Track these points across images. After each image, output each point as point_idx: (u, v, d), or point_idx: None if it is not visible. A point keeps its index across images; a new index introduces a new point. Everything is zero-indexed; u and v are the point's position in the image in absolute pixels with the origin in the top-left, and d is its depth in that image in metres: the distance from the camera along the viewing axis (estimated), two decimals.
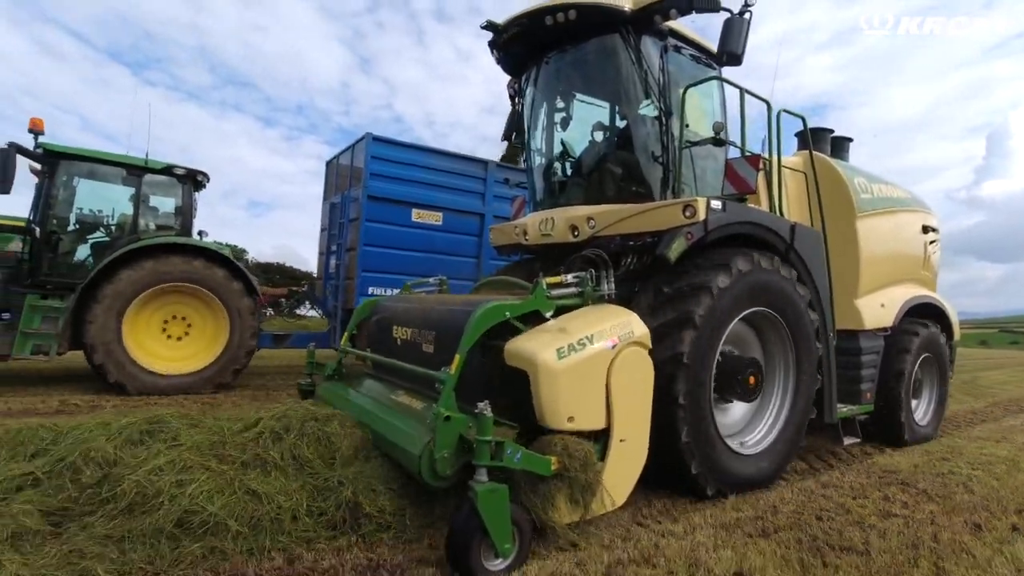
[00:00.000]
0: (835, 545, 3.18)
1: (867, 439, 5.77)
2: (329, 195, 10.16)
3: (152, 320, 7.38)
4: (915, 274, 6.47)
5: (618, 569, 2.80)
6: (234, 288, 7.63)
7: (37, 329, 6.81)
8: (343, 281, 8.74)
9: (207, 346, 7.63)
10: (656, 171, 4.70)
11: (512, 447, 2.82)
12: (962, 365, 18.32)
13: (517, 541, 2.78)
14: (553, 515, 2.96)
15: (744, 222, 4.34)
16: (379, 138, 8.49)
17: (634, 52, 4.62)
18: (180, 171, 7.99)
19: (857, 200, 5.66)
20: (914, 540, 3.27)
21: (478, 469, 2.74)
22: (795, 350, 4.56)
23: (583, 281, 3.75)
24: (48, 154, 7.22)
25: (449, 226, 9.02)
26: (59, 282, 7.18)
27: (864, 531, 3.39)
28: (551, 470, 2.94)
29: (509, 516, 2.73)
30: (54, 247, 7.28)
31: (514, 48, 5.15)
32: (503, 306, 3.37)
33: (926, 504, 3.93)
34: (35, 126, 7.13)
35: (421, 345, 4.07)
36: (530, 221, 5.23)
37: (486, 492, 2.66)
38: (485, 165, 9.38)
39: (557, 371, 3.05)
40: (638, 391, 3.40)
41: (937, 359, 6.44)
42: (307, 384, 5.04)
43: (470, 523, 2.66)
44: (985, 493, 4.17)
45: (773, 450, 4.43)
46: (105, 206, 7.96)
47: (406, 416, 3.65)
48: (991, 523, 3.59)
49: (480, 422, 2.74)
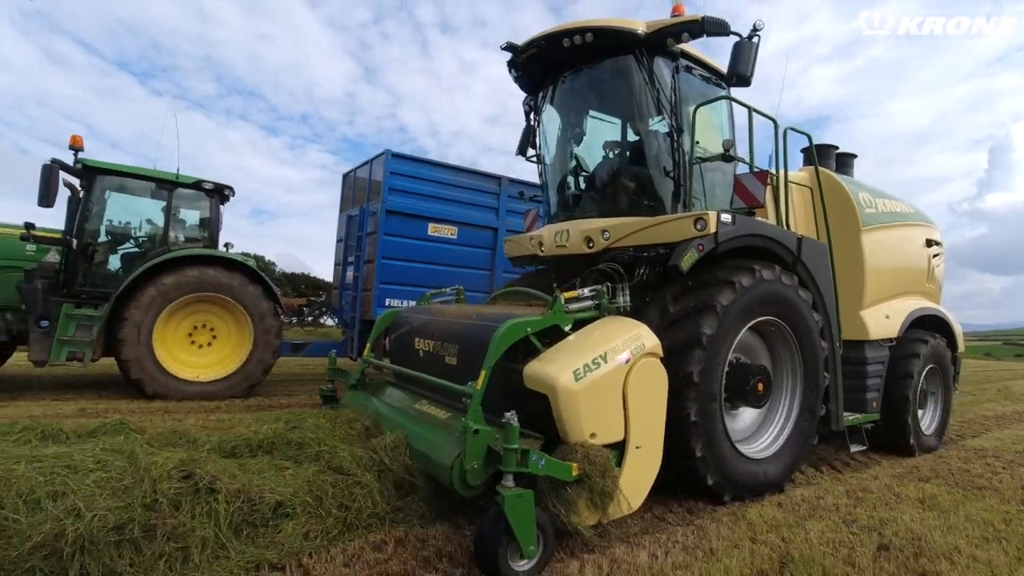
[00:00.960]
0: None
1: (873, 448, 5.92)
2: (346, 207, 10.41)
3: (179, 328, 7.64)
4: (919, 286, 6.61)
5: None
6: (259, 298, 7.89)
7: (72, 336, 7.06)
8: (361, 292, 8.97)
9: (231, 353, 7.88)
10: (668, 185, 4.87)
11: (537, 454, 2.97)
12: (986, 376, 18.48)
13: (542, 543, 2.93)
14: (575, 519, 3.11)
15: (753, 234, 4.50)
16: (398, 154, 8.79)
17: (647, 72, 4.80)
18: (208, 185, 8.28)
19: (862, 214, 5.82)
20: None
21: (505, 475, 2.90)
22: (801, 353, 4.71)
23: (599, 294, 3.91)
24: (86, 169, 7.52)
25: (464, 240, 9.30)
26: (93, 291, 7.47)
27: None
28: (572, 476, 3.09)
29: (534, 519, 2.88)
30: (89, 258, 7.58)
31: (532, 67, 5.34)
32: (524, 323, 3.52)
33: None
34: (75, 143, 7.42)
35: (444, 357, 4.23)
36: (546, 233, 5.40)
37: (513, 497, 2.82)
38: (499, 181, 9.67)
39: (576, 392, 3.19)
40: (652, 399, 3.55)
41: (942, 370, 6.57)
42: (328, 390, 5.21)
43: (498, 526, 2.82)
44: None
45: (784, 452, 4.58)
46: (137, 219, 8.25)
47: (432, 426, 3.81)
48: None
49: (507, 431, 2.91)
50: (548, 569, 2.95)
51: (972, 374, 18.59)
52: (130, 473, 2.86)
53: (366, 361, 5.24)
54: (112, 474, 2.83)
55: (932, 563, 3.23)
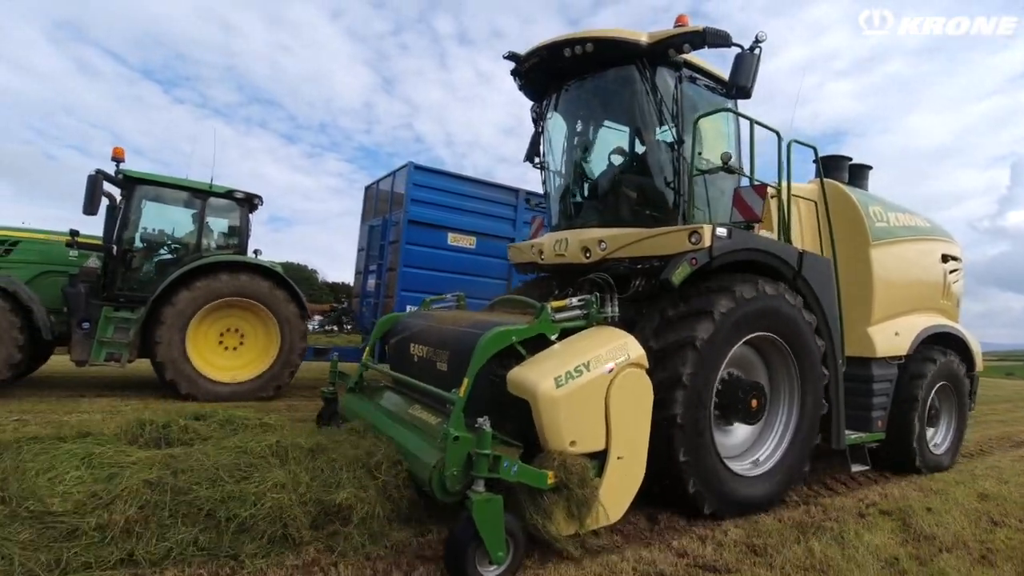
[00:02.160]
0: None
1: (877, 466, 5.78)
2: (368, 218, 10.78)
3: (210, 332, 8.02)
4: (934, 303, 6.43)
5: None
6: (286, 303, 8.23)
7: (111, 338, 7.45)
8: (383, 299, 9.27)
9: (259, 356, 8.24)
10: (668, 196, 4.85)
11: (509, 460, 3.00)
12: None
13: (511, 549, 2.96)
14: (552, 528, 3.12)
15: (749, 249, 4.45)
16: (420, 167, 9.12)
17: (649, 83, 4.79)
18: (239, 195, 8.68)
19: (871, 228, 5.69)
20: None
21: (476, 480, 2.93)
22: (800, 375, 4.64)
23: (588, 304, 3.91)
24: (126, 179, 7.92)
25: (481, 249, 9.57)
26: (131, 295, 7.87)
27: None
28: (548, 484, 3.10)
29: (503, 526, 2.91)
30: (128, 264, 7.99)
31: (535, 76, 5.37)
32: (509, 331, 3.55)
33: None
34: (117, 155, 7.86)
35: (436, 363, 4.28)
36: (546, 241, 5.42)
37: (482, 502, 2.85)
38: (516, 193, 9.95)
39: (557, 399, 3.21)
40: (636, 411, 3.54)
41: (955, 389, 6.38)
42: (329, 392, 5.32)
43: (466, 531, 2.85)
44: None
45: (775, 473, 4.50)
46: (173, 226, 8.66)
47: (421, 431, 3.86)
48: None
49: (479, 437, 2.94)
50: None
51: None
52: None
53: (364, 364, 5.32)
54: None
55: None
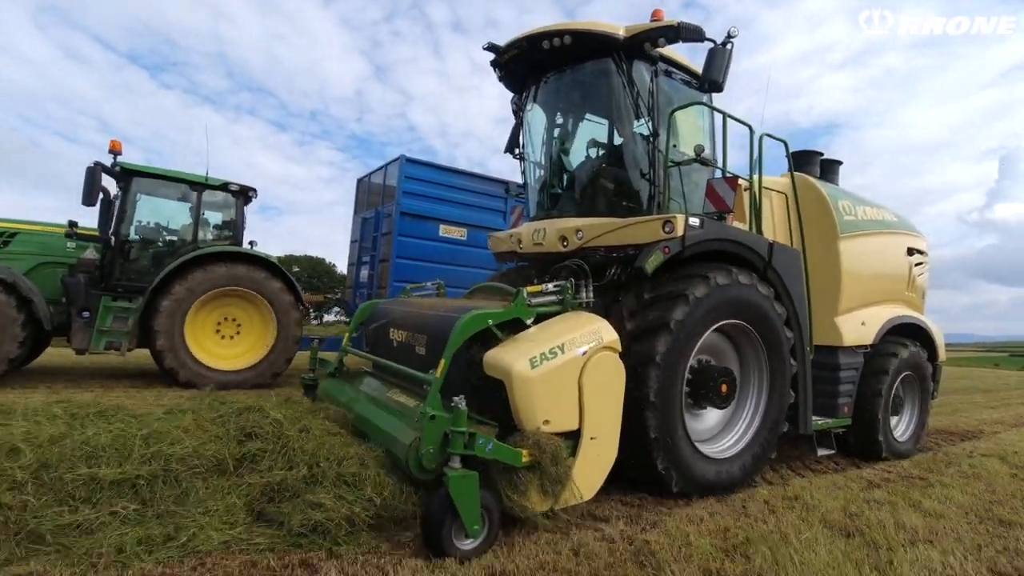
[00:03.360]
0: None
1: (844, 452, 5.99)
2: (360, 210, 10.95)
3: (207, 321, 8.15)
4: (899, 295, 6.66)
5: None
6: (282, 293, 8.41)
7: (110, 327, 7.58)
8: (376, 290, 9.41)
9: (255, 345, 8.43)
10: (644, 187, 4.97)
11: (484, 438, 3.10)
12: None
13: (486, 524, 3.06)
14: (526, 503, 3.23)
15: (720, 239, 4.59)
16: (412, 160, 9.29)
17: (626, 75, 4.90)
18: (234, 187, 8.83)
19: (840, 221, 5.88)
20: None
21: (452, 457, 3.02)
22: (768, 363, 4.79)
23: (563, 290, 4.02)
24: (124, 172, 8.03)
25: (472, 241, 9.74)
26: (129, 285, 7.97)
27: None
28: (522, 462, 3.20)
29: (478, 501, 3.00)
30: (126, 254, 8.08)
31: (514, 68, 5.45)
32: (486, 314, 3.64)
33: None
34: (114, 147, 7.95)
35: (415, 347, 4.36)
36: (524, 231, 5.52)
37: (457, 477, 2.94)
38: (506, 186, 10.09)
39: (531, 379, 3.31)
40: (609, 392, 3.66)
41: (919, 378, 6.62)
42: (310, 379, 5.36)
43: (443, 505, 2.94)
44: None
45: (743, 456, 4.66)
46: (170, 218, 8.77)
47: (399, 413, 3.94)
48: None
49: (455, 414, 3.03)
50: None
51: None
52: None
53: (344, 350, 5.38)
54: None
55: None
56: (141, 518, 2.91)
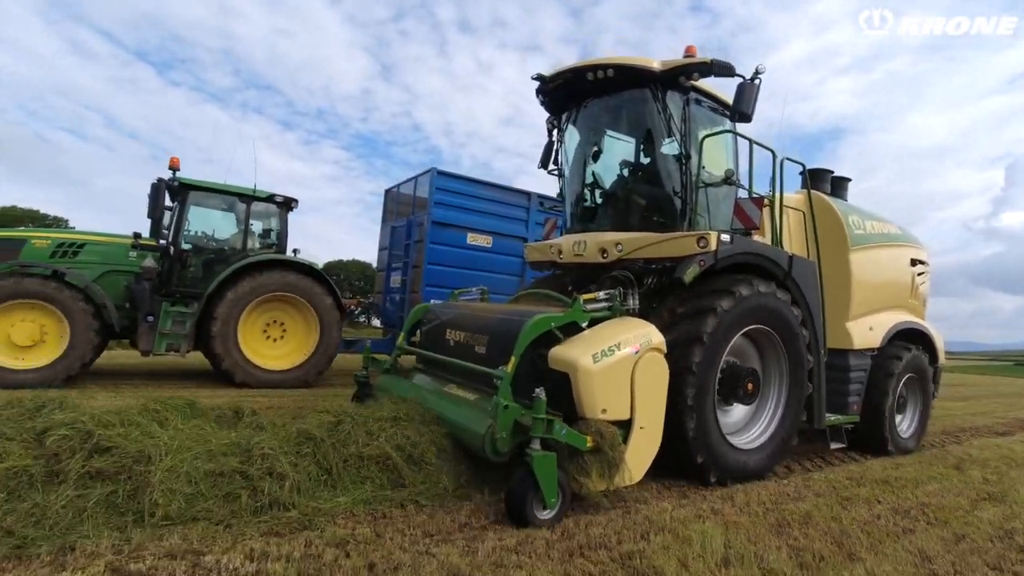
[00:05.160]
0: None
1: (854, 447, 6.53)
2: (389, 219, 11.62)
3: (256, 324, 8.74)
4: (903, 302, 7.21)
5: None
6: (324, 297, 8.97)
7: (170, 330, 8.16)
8: (409, 295, 9.97)
9: (299, 346, 9.01)
10: (676, 205, 5.48)
11: (559, 424, 3.63)
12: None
13: (560, 497, 3.59)
14: (587, 483, 3.76)
15: (748, 252, 5.13)
16: (443, 172, 9.93)
17: (661, 104, 5.41)
18: (279, 198, 9.40)
19: (851, 235, 6.44)
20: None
21: (533, 440, 3.55)
22: (788, 360, 5.33)
23: (612, 297, 4.56)
24: (182, 186, 8.61)
25: (497, 248, 10.40)
26: (185, 291, 8.52)
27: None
28: (587, 446, 3.73)
29: (556, 477, 3.53)
30: (183, 262, 8.64)
31: (557, 94, 5.98)
32: (549, 318, 4.17)
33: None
34: (174, 164, 8.54)
35: (474, 347, 4.86)
36: (564, 242, 6.03)
37: (540, 457, 3.47)
38: (528, 196, 10.77)
39: (593, 372, 3.83)
40: (655, 387, 4.18)
41: (921, 380, 7.17)
42: (363, 376, 5.87)
43: (526, 482, 3.47)
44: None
45: (768, 446, 5.20)
46: (222, 228, 9.36)
47: (464, 405, 4.46)
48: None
49: (536, 403, 3.56)
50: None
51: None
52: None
53: (399, 349, 5.89)
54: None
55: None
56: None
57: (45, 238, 8.07)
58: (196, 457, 3.46)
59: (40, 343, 7.34)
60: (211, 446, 3.63)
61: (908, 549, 3.56)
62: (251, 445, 3.69)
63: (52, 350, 7.36)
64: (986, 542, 3.80)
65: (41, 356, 7.32)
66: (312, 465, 3.71)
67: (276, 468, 3.52)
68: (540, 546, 3.18)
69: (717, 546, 3.31)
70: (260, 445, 3.67)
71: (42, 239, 8.02)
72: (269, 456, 3.59)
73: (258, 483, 3.42)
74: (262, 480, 3.44)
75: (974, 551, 3.63)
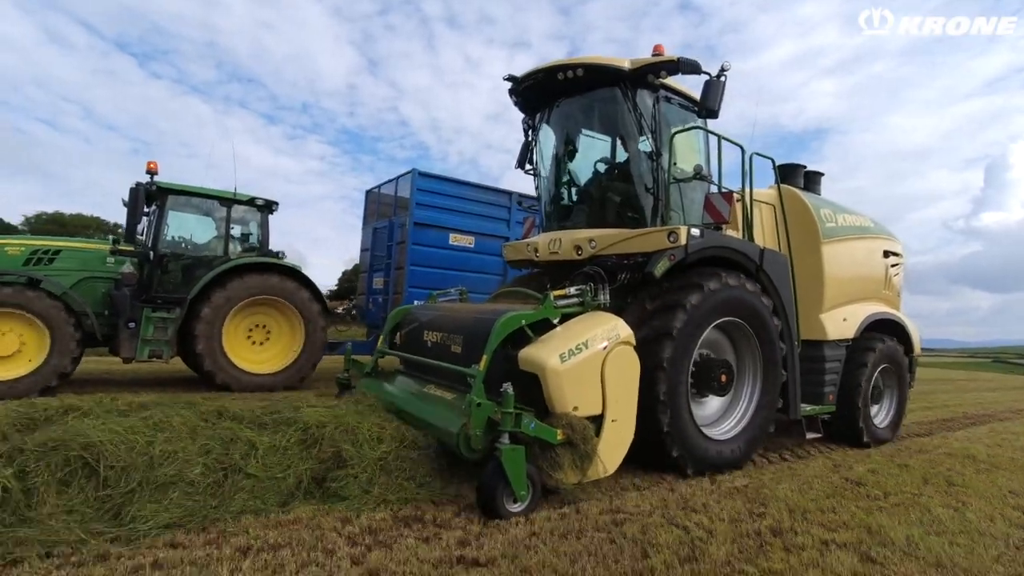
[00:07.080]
0: None
1: (829, 438, 6.61)
2: (370, 220, 11.51)
3: (239, 328, 8.68)
4: (877, 293, 7.32)
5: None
6: (309, 301, 8.95)
7: (152, 336, 8.09)
8: (392, 296, 9.94)
9: (283, 350, 8.98)
10: (648, 201, 5.55)
11: (528, 418, 3.68)
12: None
13: (530, 490, 3.64)
14: (560, 476, 3.80)
15: (718, 246, 5.21)
16: (424, 173, 9.88)
17: (631, 102, 5.48)
18: (260, 201, 9.36)
19: (822, 228, 6.53)
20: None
21: (502, 434, 3.59)
22: (760, 350, 5.41)
23: (584, 293, 4.61)
24: (159, 190, 8.54)
25: (480, 248, 10.38)
26: (166, 297, 8.44)
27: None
28: (557, 439, 3.78)
29: (525, 471, 3.58)
30: (164, 268, 8.57)
31: (530, 94, 6.05)
32: (520, 316, 4.22)
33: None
34: (151, 168, 8.49)
35: (450, 347, 4.90)
36: (540, 240, 6.09)
37: (509, 451, 3.52)
38: (510, 196, 10.77)
39: (561, 372, 3.88)
40: (626, 381, 4.24)
41: (896, 370, 7.27)
42: (344, 378, 5.89)
43: (495, 475, 3.51)
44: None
45: (743, 437, 5.27)
46: (201, 231, 9.26)
47: (440, 404, 4.50)
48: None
49: (504, 398, 3.61)
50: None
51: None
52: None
53: (380, 351, 5.92)
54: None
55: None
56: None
57: (19, 245, 7.92)
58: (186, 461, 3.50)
59: (17, 353, 7.23)
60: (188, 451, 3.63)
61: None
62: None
63: (30, 360, 7.23)
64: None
65: (19, 367, 7.19)
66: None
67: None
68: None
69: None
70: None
71: (15, 246, 7.87)
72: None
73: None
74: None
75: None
